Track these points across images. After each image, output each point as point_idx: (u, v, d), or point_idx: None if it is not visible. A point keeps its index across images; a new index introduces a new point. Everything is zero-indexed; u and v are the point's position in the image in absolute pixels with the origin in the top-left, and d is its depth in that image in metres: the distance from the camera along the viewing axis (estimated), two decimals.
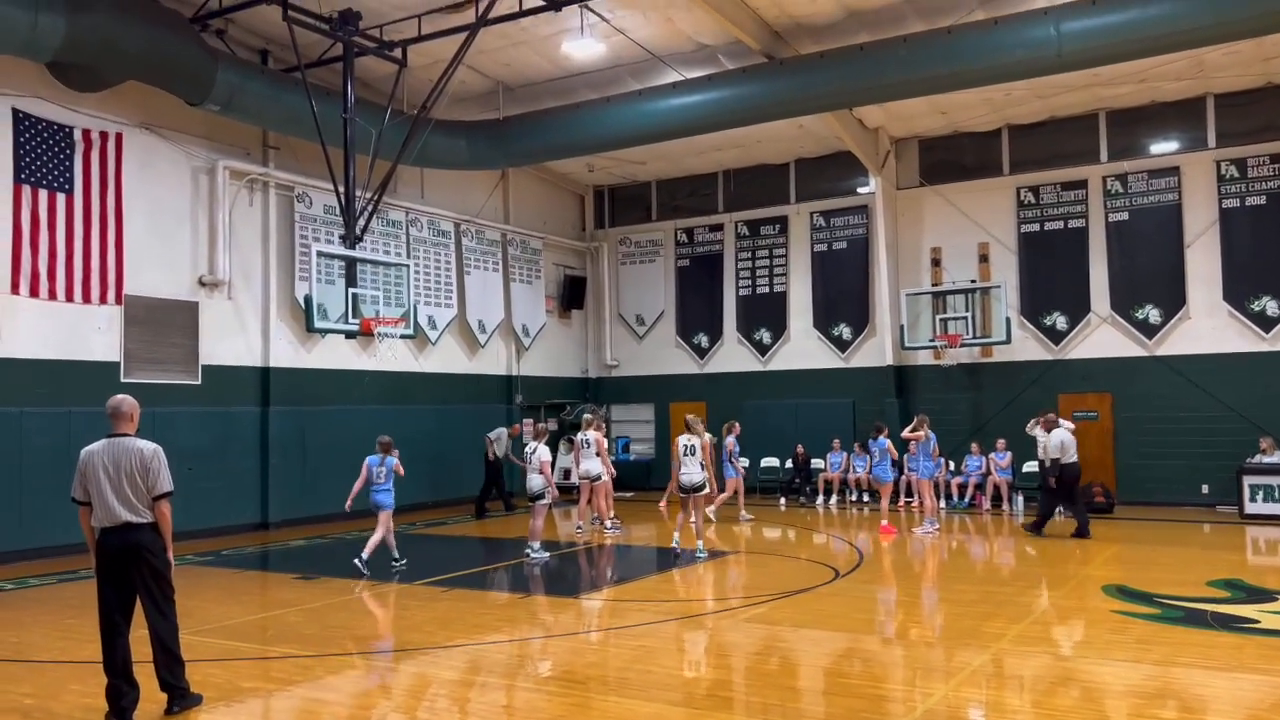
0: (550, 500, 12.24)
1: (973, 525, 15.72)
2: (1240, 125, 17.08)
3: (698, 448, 12.28)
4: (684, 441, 12.38)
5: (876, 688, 6.77)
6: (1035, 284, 18.55)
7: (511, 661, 7.54)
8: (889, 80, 14.57)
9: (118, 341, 13.93)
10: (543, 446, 12.25)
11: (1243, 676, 6.71)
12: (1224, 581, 10.12)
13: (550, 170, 21.82)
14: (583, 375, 23.14)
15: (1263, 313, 16.74)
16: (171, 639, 5.99)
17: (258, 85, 14.36)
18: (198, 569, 11.80)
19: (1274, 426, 16.13)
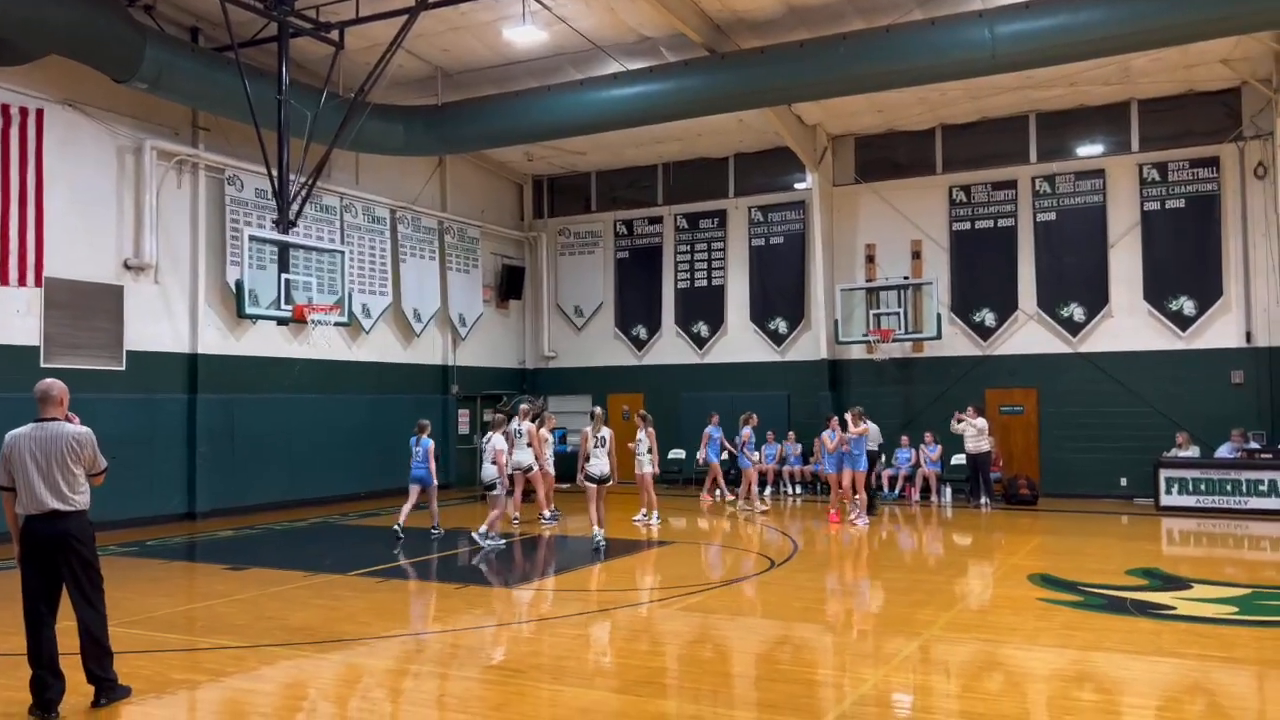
0: (502, 491, 12.28)
1: (902, 516, 16.04)
2: (1162, 130, 17.67)
3: (608, 439, 12.45)
4: (593, 434, 12.53)
5: (811, 674, 6.88)
6: (965, 281, 18.97)
7: (448, 651, 7.50)
8: (828, 77, 14.76)
9: (37, 325, 13.47)
10: (498, 436, 12.31)
11: (1161, 660, 6.97)
12: (1142, 570, 10.49)
13: (489, 159, 21.64)
14: (520, 366, 23.03)
15: (1180, 312, 17.35)
16: (100, 630, 5.83)
17: (188, 64, 13.97)
18: (122, 560, 11.48)
19: (1189, 422, 16.75)
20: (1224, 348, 17.06)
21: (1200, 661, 6.92)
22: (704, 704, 6.05)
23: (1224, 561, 12.12)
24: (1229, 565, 11.79)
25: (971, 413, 16.74)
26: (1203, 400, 16.93)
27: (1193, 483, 15.75)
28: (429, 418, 19.83)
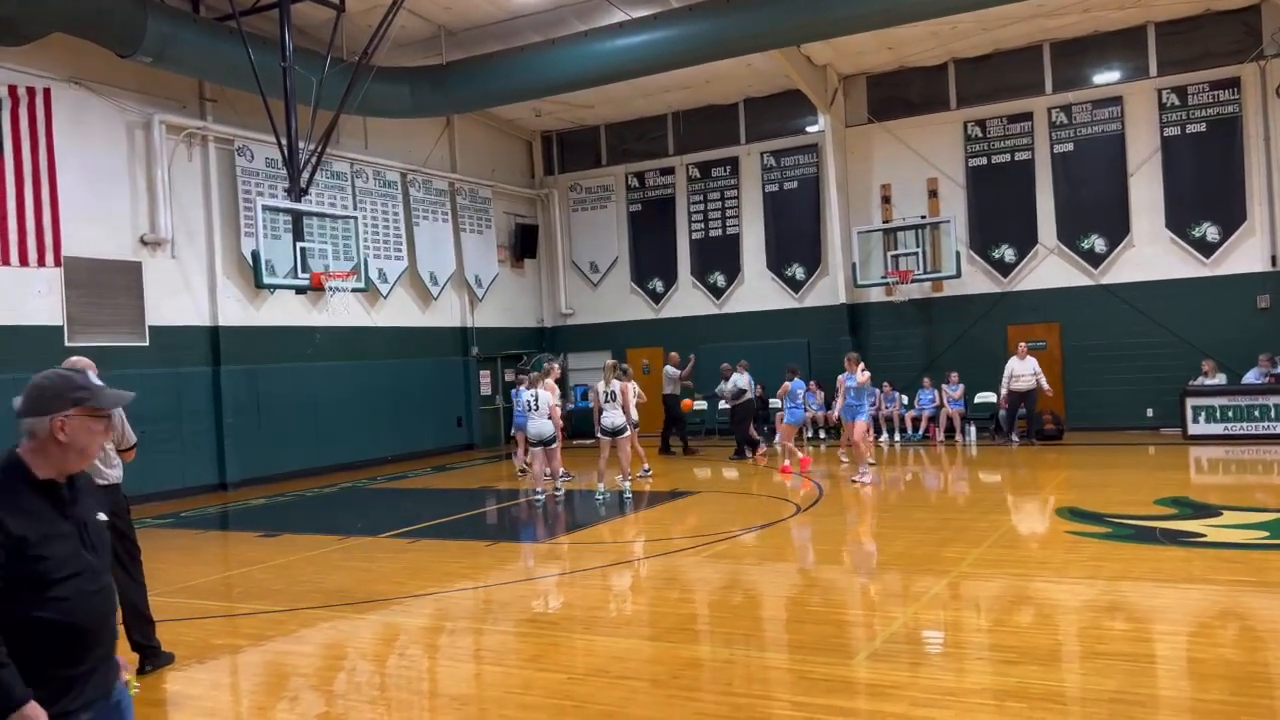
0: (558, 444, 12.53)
1: (927, 456, 16.03)
2: (1181, 53, 17.28)
3: (618, 393, 12.49)
4: (603, 388, 12.57)
5: (841, 614, 6.94)
6: (983, 217, 18.75)
7: (482, 607, 7.60)
8: (837, 15, 14.50)
9: (59, 305, 13.58)
10: (543, 392, 12.36)
11: (1192, 588, 6.97)
12: (1170, 499, 10.46)
13: (496, 117, 21.47)
14: (538, 325, 23.05)
15: (1203, 239, 17.10)
16: (141, 600, 5.95)
17: (191, 35, 13.89)
18: (159, 531, 11.67)
19: (1214, 350, 16.59)
20: (1249, 272, 16.83)
21: (1231, 587, 6.92)
22: (736, 648, 6.12)
23: (1253, 487, 12.06)
24: (1259, 490, 11.74)
25: (1021, 351, 16.66)
26: (1228, 326, 16.75)
27: (1220, 410, 15.65)
28: (450, 379, 20.07)
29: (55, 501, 2.64)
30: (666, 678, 5.52)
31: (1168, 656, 5.63)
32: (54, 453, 2.64)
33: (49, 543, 2.55)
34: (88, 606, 2.60)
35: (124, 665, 2.93)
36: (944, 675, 5.35)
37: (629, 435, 12.85)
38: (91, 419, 2.68)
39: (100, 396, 2.70)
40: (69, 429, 2.63)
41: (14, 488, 2.58)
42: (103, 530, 2.77)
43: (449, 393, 20.09)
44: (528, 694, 5.40)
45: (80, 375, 2.71)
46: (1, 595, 2.47)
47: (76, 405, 2.65)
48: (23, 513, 2.54)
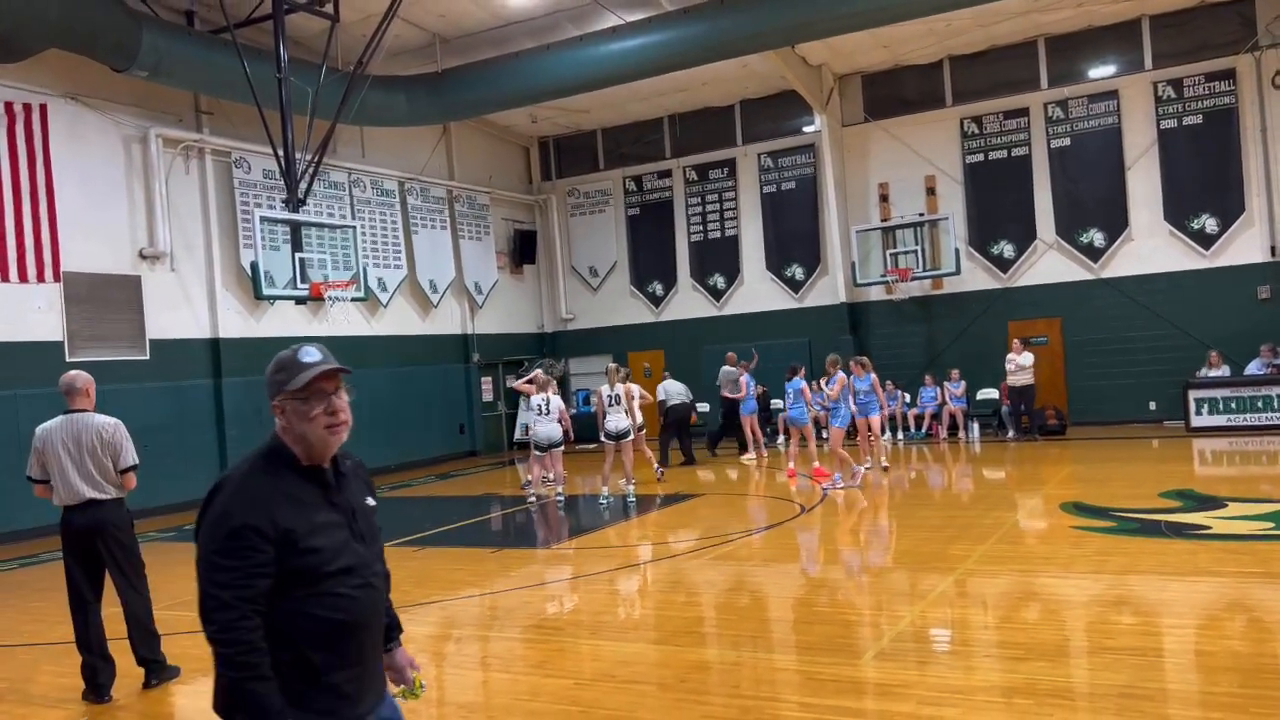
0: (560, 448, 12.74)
1: (931, 454, 16.01)
2: (1176, 46, 17.28)
3: (621, 396, 12.51)
4: (607, 391, 12.59)
5: (847, 614, 6.92)
6: (982, 214, 18.74)
7: (488, 614, 7.59)
8: (831, 14, 14.51)
9: (59, 320, 13.58)
10: (555, 397, 12.61)
11: (1198, 580, 6.96)
12: (1175, 492, 10.44)
13: (493, 123, 21.49)
14: (539, 330, 23.05)
15: (1202, 230, 17.09)
16: (145, 614, 5.94)
17: (186, 48, 13.91)
18: (162, 544, 11.66)
19: (1215, 341, 16.57)
20: (1249, 263, 16.82)
21: (1238, 579, 6.90)
22: (743, 650, 6.10)
23: (1258, 478, 12.04)
24: (1263, 482, 11.71)
25: (1016, 347, 16.66)
26: (1229, 318, 16.73)
27: (1223, 402, 15.62)
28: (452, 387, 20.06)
29: (321, 488, 2.43)
30: (674, 681, 5.51)
31: (1175, 650, 5.61)
32: (294, 437, 2.42)
33: (318, 533, 2.34)
34: (360, 602, 2.39)
35: (412, 662, 2.76)
36: (951, 673, 5.33)
37: (633, 439, 12.87)
38: (299, 401, 2.41)
39: (296, 376, 2.42)
40: (286, 414, 2.42)
41: (277, 473, 2.38)
42: (371, 517, 2.56)
43: (451, 400, 20.09)
44: (535, 700, 5.39)
45: (295, 352, 2.47)
46: (270, 592, 2.28)
47: (279, 390, 2.44)
48: (288, 501, 2.34)
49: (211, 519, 2.31)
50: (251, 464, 2.40)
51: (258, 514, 2.27)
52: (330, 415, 2.42)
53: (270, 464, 2.39)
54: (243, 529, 2.25)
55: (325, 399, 2.42)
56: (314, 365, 2.41)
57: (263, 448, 2.44)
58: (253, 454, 2.44)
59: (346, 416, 2.45)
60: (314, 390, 2.40)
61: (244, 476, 2.36)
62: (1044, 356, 17.97)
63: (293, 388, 2.39)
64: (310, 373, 2.40)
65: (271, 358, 2.62)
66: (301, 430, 2.39)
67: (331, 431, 2.41)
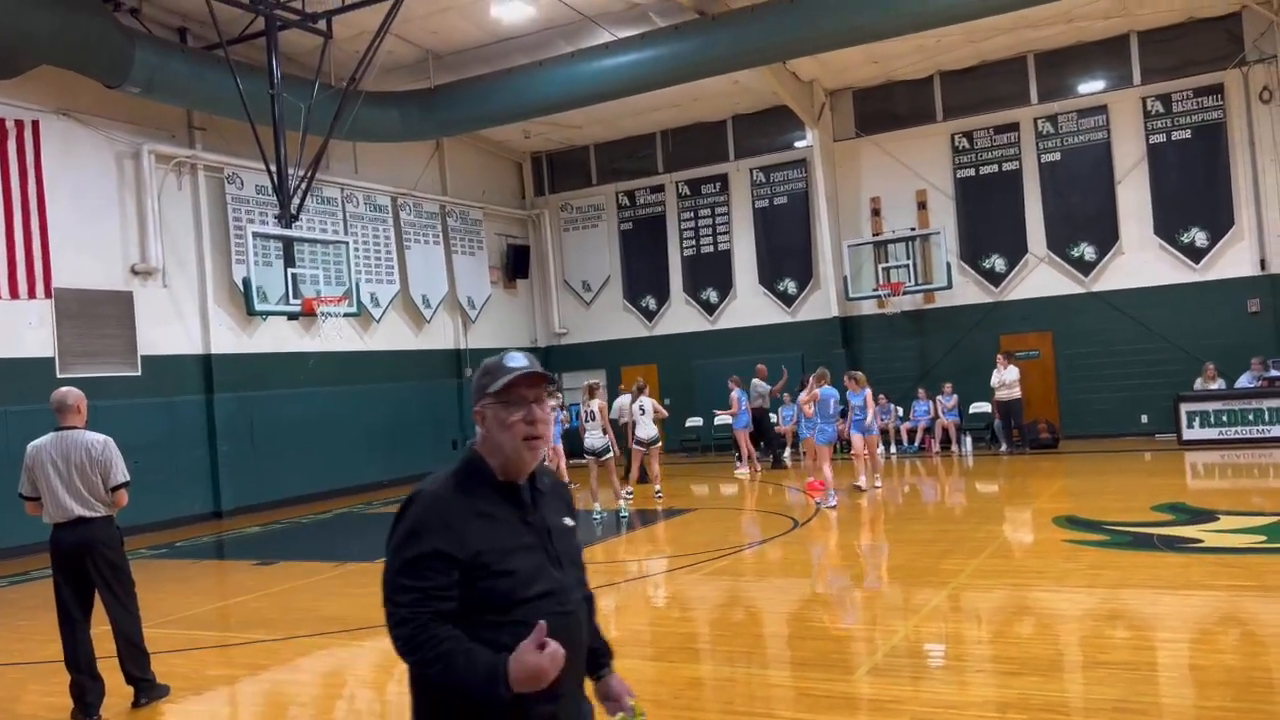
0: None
1: (924, 468, 16.02)
2: (1164, 61, 17.40)
3: (596, 413, 12.48)
4: (582, 409, 12.63)
5: (841, 629, 6.91)
6: (973, 228, 18.81)
7: None
8: (821, 31, 14.59)
9: (50, 336, 13.54)
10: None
11: (1191, 594, 6.96)
12: (1167, 505, 10.46)
13: (486, 139, 21.53)
14: (532, 345, 23.04)
15: (1192, 244, 17.18)
16: (135, 632, 5.90)
17: (178, 65, 13.93)
18: (153, 561, 11.60)
19: (1207, 354, 16.61)
20: (1239, 277, 16.89)
21: (1231, 592, 6.91)
22: (738, 666, 6.09)
23: (1250, 491, 12.07)
24: (1255, 495, 11.75)
25: (1001, 362, 16.71)
26: (1220, 331, 16.79)
27: (1214, 415, 15.66)
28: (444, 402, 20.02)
29: (516, 506, 2.28)
30: (668, 698, 5.48)
31: (1168, 664, 5.61)
32: (491, 448, 2.29)
33: (510, 556, 2.19)
34: (558, 630, 2.17)
35: (627, 690, 2.53)
36: (945, 688, 5.32)
37: (613, 455, 12.80)
38: (501, 407, 2.26)
39: (498, 380, 2.27)
40: (486, 420, 2.29)
41: (471, 490, 2.24)
42: (569, 537, 2.39)
43: (444, 415, 20.05)
44: None
45: (502, 357, 2.34)
46: (458, 617, 2.15)
47: (481, 394, 2.30)
48: (481, 521, 2.20)
49: (400, 535, 2.21)
50: (447, 478, 2.28)
51: (446, 536, 2.15)
52: (529, 424, 2.27)
53: (465, 479, 2.27)
54: (429, 554, 2.14)
55: (525, 407, 2.27)
56: (517, 369, 2.28)
57: (460, 461, 2.33)
58: (449, 467, 2.33)
59: (547, 430, 2.31)
60: (514, 396, 2.27)
61: (437, 492, 2.24)
62: (1035, 370, 18.02)
63: (493, 390, 2.27)
64: (511, 375, 2.27)
65: (263, 374, 2.58)
66: (498, 440, 2.27)
67: (529, 444, 2.27)
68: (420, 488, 2.27)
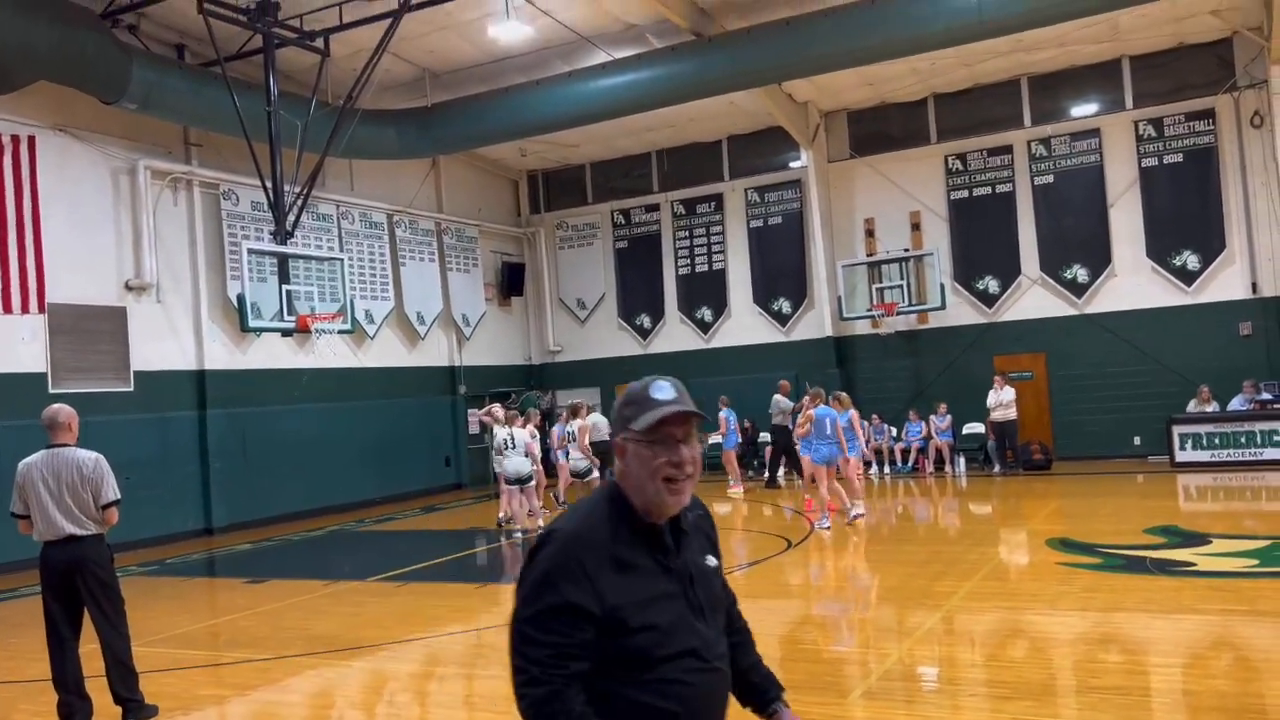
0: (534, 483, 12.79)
1: (917, 488, 16.02)
2: (1156, 85, 17.54)
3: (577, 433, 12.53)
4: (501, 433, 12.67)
5: (834, 651, 6.89)
6: (967, 249, 18.89)
7: (472, 651, 7.52)
8: (816, 53, 14.68)
9: (43, 351, 13.50)
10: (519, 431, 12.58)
11: (1184, 618, 6.96)
12: (1160, 528, 10.47)
13: (482, 157, 21.60)
14: (526, 362, 23.03)
15: (1184, 267, 17.26)
16: (123, 651, 5.86)
17: (176, 81, 13.97)
18: (143, 579, 11.53)
19: (1199, 377, 16.66)
20: (1230, 300, 16.97)
21: (1223, 616, 6.91)
22: None
23: (1242, 514, 12.09)
24: (1247, 518, 11.76)
25: (998, 383, 16.75)
26: (1212, 354, 16.85)
27: (1206, 437, 15.69)
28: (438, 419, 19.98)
29: (657, 550, 2.06)
30: None
31: (1161, 689, 5.60)
32: (632, 485, 2.07)
33: (650, 609, 1.99)
34: (698, 690, 2.02)
35: None
36: (939, 712, 5.30)
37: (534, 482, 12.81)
38: (642, 445, 2.04)
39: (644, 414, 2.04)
40: (627, 455, 2.06)
41: (613, 530, 2.03)
42: (712, 579, 2.17)
43: (437, 432, 20.02)
44: None
45: (647, 386, 2.10)
46: (592, 674, 1.97)
47: (623, 427, 2.07)
48: (618, 570, 1.99)
49: (533, 580, 2.00)
50: (584, 516, 2.08)
51: (582, 588, 1.95)
52: (674, 468, 2.04)
53: (604, 518, 2.06)
54: (563, 607, 1.95)
55: (672, 447, 2.04)
56: (665, 404, 2.05)
57: (600, 493, 2.13)
58: (589, 501, 2.13)
59: (693, 470, 2.07)
60: (660, 435, 2.04)
61: (575, 534, 2.03)
62: (1029, 391, 18.05)
63: (637, 428, 2.05)
64: (659, 413, 2.04)
65: (256, 390, 2.52)
66: (639, 479, 2.06)
67: (671, 489, 2.04)
68: (556, 525, 2.08)
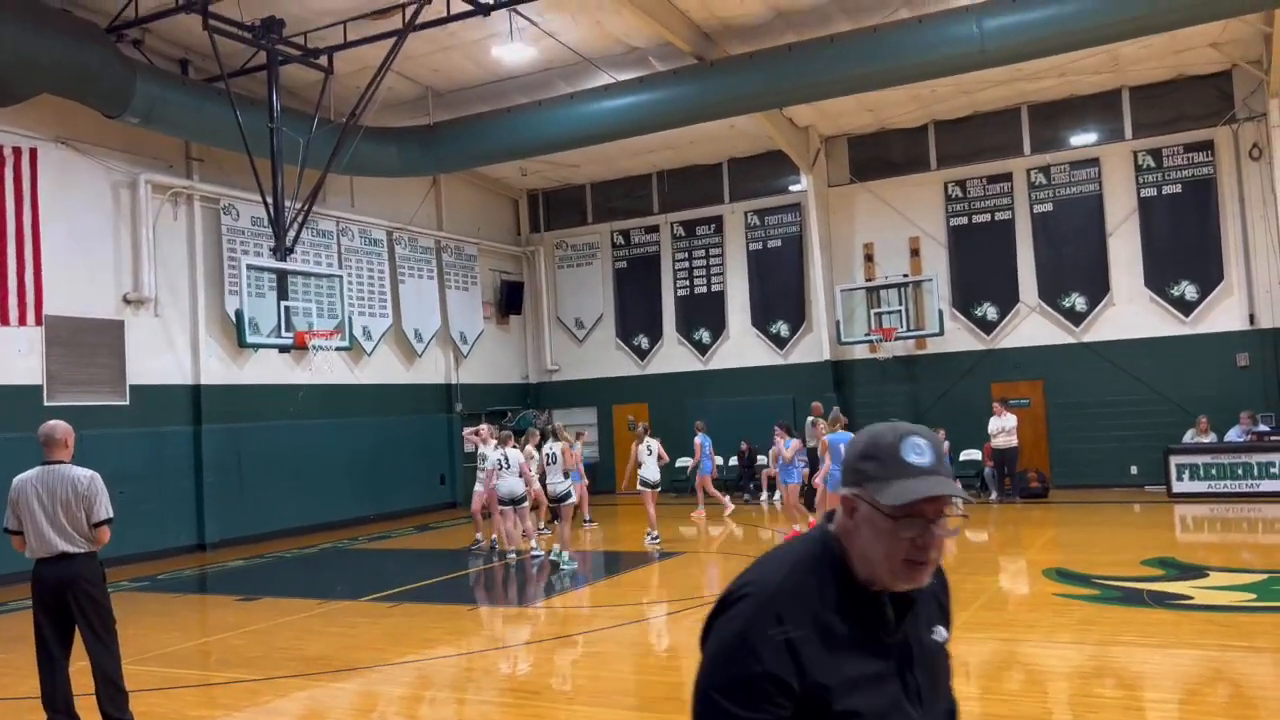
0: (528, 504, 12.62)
1: None
2: (1155, 116, 17.64)
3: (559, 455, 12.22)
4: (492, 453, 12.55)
5: None
6: (965, 276, 18.93)
7: (463, 675, 7.46)
8: (818, 79, 14.75)
9: (39, 364, 13.47)
10: (512, 451, 12.39)
11: (1180, 652, 6.92)
12: (1157, 560, 10.43)
13: (483, 176, 21.65)
14: (523, 381, 23.01)
15: (1182, 297, 17.30)
16: (114, 670, 5.80)
17: (179, 96, 14.00)
18: (134, 595, 11.45)
19: (1195, 407, 16.66)
20: (1228, 331, 17.00)
21: (1221, 651, 6.87)
22: None
23: (1239, 547, 12.06)
24: (1244, 550, 11.73)
25: (998, 409, 16.75)
26: (1209, 384, 16.86)
27: (1203, 468, 15.68)
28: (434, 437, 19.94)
29: (873, 621, 1.74)
30: None
31: None
32: (857, 547, 1.74)
33: (857, 692, 1.68)
34: None
35: None
36: None
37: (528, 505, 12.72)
38: (884, 519, 1.70)
39: (892, 483, 1.69)
40: (858, 513, 1.73)
41: (822, 591, 1.72)
42: (937, 658, 1.85)
43: (432, 450, 19.97)
44: None
45: (899, 439, 1.72)
46: None
47: (861, 482, 1.73)
48: (824, 639, 1.68)
49: (725, 641, 1.70)
50: (788, 571, 1.75)
51: (783, 659, 1.65)
52: (918, 549, 1.70)
53: (813, 574, 1.73)
54: (761, 677, 1.65)
55: (922, 527, 1.70)
56: (921, 475, 1.70)
57: (810, 543, 1.79)
58: (793, 551, 1.80)
59: (939, 554, 1.74)
60: (910, 510, 1.69)
61: (775, 592, 1.71)
62: (1026, 419, 18.03)
63: (884, 501, 1.69)
64: (914, 492, 1.68)
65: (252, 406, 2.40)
66: (869, 546, 1.72)
67: (910, 569, 1.72)
68: (752, 577, 1.76)
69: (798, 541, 1.83)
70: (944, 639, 1.88)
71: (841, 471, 1.82)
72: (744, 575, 1.78)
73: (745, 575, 1.78)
